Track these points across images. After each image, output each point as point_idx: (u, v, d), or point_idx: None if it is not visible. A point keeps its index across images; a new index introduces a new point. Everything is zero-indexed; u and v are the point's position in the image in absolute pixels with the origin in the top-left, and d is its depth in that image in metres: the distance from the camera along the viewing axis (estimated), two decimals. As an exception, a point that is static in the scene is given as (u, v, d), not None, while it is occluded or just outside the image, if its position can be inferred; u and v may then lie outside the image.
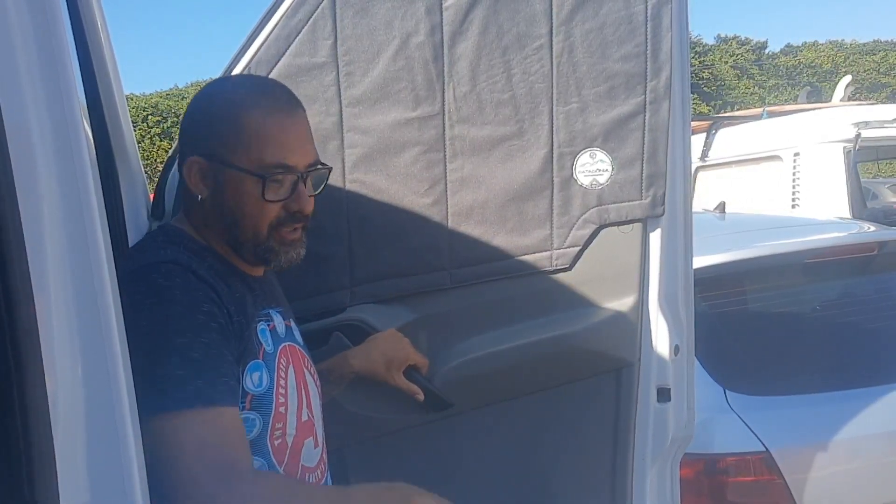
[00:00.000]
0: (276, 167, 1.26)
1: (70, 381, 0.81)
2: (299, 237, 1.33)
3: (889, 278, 2.94)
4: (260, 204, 1.27)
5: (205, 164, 1.29)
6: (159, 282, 1.17)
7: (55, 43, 0.82)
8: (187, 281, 1.19)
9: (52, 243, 0.80)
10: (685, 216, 1.88)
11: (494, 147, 1.78)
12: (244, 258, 1.32)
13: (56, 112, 0.81)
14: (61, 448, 0.78)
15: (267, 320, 1.33)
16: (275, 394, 1.27)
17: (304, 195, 1.29)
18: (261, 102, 1.29)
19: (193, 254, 1.26)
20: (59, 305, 0.80)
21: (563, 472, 1.96)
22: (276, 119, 1.28)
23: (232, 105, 1.29)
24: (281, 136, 1.27)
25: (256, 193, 1.26)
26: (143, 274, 1.18)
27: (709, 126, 5.61)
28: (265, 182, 1.25)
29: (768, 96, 31.23)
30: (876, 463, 2.39)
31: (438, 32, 1.72)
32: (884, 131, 4.80)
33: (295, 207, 1.29)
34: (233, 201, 1.28)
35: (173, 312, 1.15)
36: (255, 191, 1.26)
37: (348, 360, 1.66)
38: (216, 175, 1.28)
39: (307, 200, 1.30)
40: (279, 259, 1.32)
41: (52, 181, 0.80)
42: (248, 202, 1.27)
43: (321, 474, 1.39)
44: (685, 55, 1.83)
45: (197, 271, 1.21)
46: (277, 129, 1.27)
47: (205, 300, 1.18)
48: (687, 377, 1.92)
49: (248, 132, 1.26)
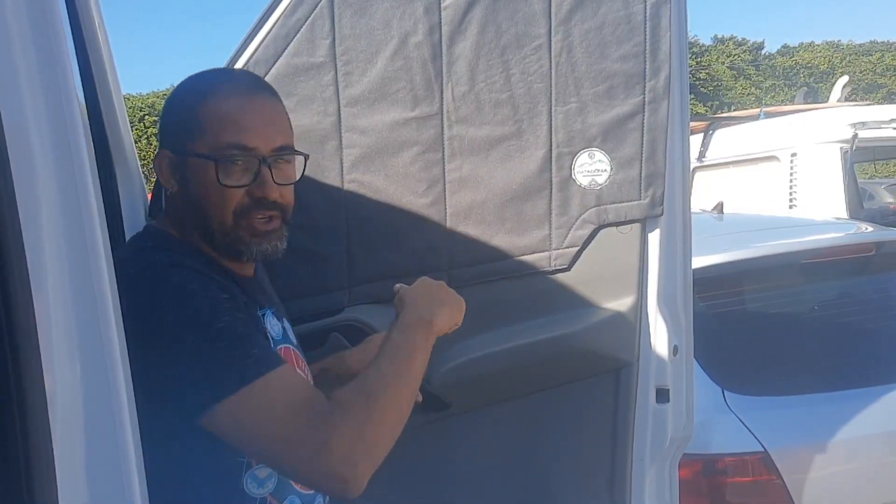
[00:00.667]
0: (229, 147, 1.22)
1: (69, 380, 0.81)
2: (274, 228, 1.28)
3: (886, 279, 2.95)
4: (219, 190, 1.23)
5: (172, 156, 1.28)
6: (173, 280, 1.16)
7: (54, 43, 0.82)
8: (197, 276, 1.18)
9: (50, 243, 0.80)
10: (684, 216, 1.87)
11: (493, 147, 1.78)
12: (218, 251, 1.28)
13: (55, 112, 0.81)
14: (60, 448, 0.78)
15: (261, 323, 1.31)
16: None
17: (267, 180, 1.24)
18: (219, 89, 1.27)
19: (187, 255, 1.24)
20: (57, 305, 0.80)
21: (561, 472, 1.96)
22: (234, 101, 1.25)
23: (193, 94, 1.28)
24: (237, 117, 1.24)
25: (213, 178, 1.22)
26: (152, 277, 1.17)
27: (706, 126, 5.61)
28: (217, 164, 1.22)
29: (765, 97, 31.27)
30: (874, 463, 2.39)
31: (437, 32, 1.72)
32: (881, 132, 4.81)
33: (258, 193, 1.24)
34: (196, 190, 1.25)
35: (201, 304, 1.14)
36: (212, 175, 1.22)
37: (345, 360, 1.66)
38: (182, 167, 1.27)
39: (271, 186, 1.25)
40: (251, 250, 1.27)
41: (50, 181, 0.80)
42: (210, 189, 1.23)
43: None
44: (684, 55, 1.82)
45: (201, 270, 1.20)
46: (234, 111, 1.24)
47: (220, 290, 1.18)
48: (686, 378, 1.92)
49: (205, 118, 1.24)
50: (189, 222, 1.29)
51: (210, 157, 1.22)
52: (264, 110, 1.28)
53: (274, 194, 1.26)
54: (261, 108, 1.27)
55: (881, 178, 12.82)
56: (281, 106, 1.32)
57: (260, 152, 1.24)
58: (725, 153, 5.44)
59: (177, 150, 1.27)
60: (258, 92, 1.29)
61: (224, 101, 1.25)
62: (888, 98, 27.34)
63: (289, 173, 1.30)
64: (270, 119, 1.28)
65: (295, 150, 1.31)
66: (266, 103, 1.29)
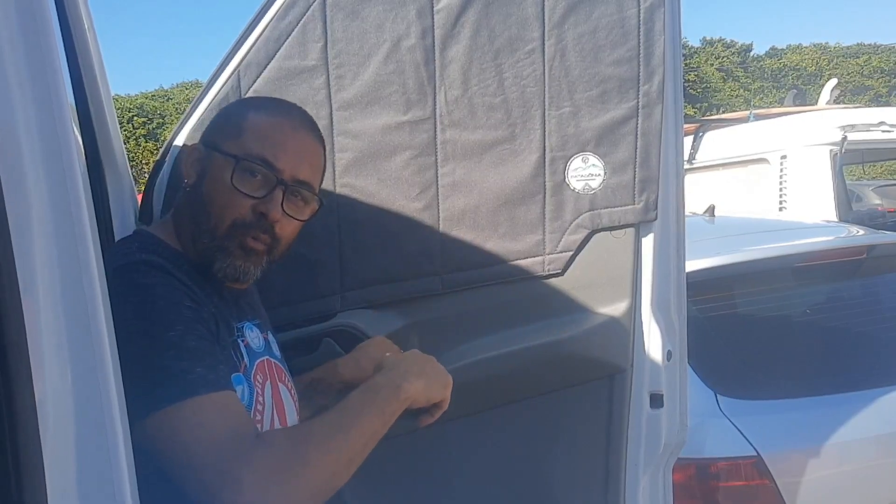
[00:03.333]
0: (255, 158, 1.23)
1: (59, 388, 0.80)
2: (259, 250, 1.26)
3: (878, 282, 2.96)
4: (229, 191, 1.23)
5: (201, 150, 1.30)
6: (139, 280, 1.14)
7: (44, 44, 0.80)
8: (167, 278, 1.16)
9: (40, 248, 0.78)
10: (678, 221, 1.87)
11: (486, 151, 1.77)
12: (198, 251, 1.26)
13: (44, 114, 0.80)
14: (50, 453, 0.77)
15: (240, 336, 1.29)
16: (252, 411, 1.25)
17: (276, 201, 1.24)
18: (275, 111, 1.31)
19: (167, 260, 1.22)
20: (47, 311, 0.79)
21: (555, 478, 1.95)
22: (281, 124, 1.28)
23: (247, 108, 1.34)
24: (277, 137, 1.26)
25: (228, 178, 1.23)
26: (121, 274, 1.15)
27: (696, 129, 5.63)
28: (236, 164, 1.22)
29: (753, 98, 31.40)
30: (867, 466, 2.39)
31: (430, 36, 1.71)
32: (869, 134, 4.83)
33: (261, 209, 1.24)
34: (208, 186, 1.26)
35: (159, 308, 1.11)
36: (228, 175, 1.23)
37: (338, 369, 1.64)
38: (205, 161, 1.28)
39: (277, 208, 1.24)
40: (225, 262, 1.25)
41: (40, 184, 0.79)
42: (219, 187, 1.24)
43: None
44: (678, 59, 1.82)
45: (173, 273, 1.18)
46: (277, 131, 1.27)
47: (185, 297, 1.15)
48: (679, 383, 1.91)
49: (248, 125, 1.27)
50: (188, 217, 1.28)
51: (233, 157, 1.23)
52: (305, 144, 1.29)
53: (276, 216, 1.25)
54: (302, 141, 1.29)
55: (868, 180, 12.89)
56: (322, 151, 1.34)
57: (282, 175, 1.25)
58: (715, 155, 5.46)
59: (207, 144, 1.30)
60: (307, 128, 1.31)
61: (272, 121, 1.28)
62: (875, 100, 27.52)
63: (299, 209, 1.30)
64: (306, 154, 1.29)
65: (314, 192, 1.31)
66: (309, 140, 1.31)
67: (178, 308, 1.13)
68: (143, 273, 1.15)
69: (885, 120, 4.87)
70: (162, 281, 1.16)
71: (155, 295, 1.13)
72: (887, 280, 2.97)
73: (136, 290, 1.13)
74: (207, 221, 1.25)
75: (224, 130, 1.29)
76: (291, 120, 1.30)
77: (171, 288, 1.15)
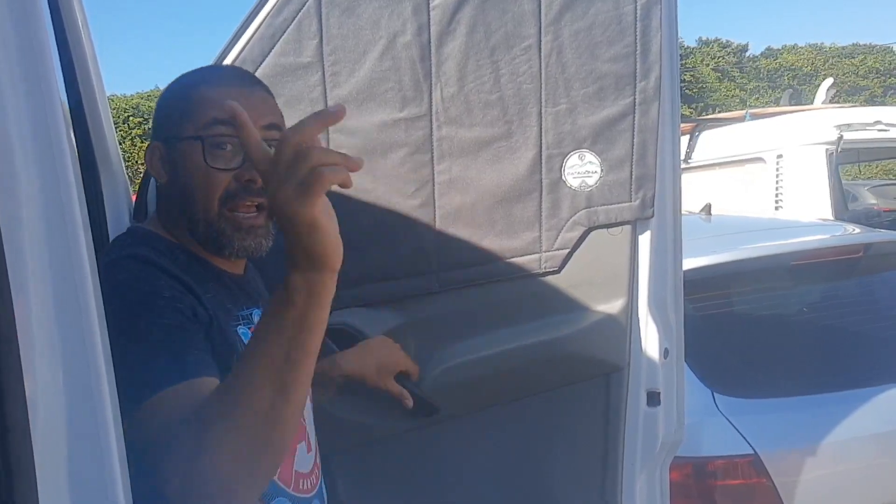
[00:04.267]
0: (215, 122, 1.18)
1: (50, 383, 0.79)
2: (259, 224, 1.22)
3: (875, 280, 2.96)
4: (205, 172, 1.19)
5: (161, 147, 1.26)
6: (117, 276, 1.10)
7: (36, 43, 0.80)
8: (146, 272, 1.12)
9: (32, 246, 0.77)
10: (674, 218, 1.87)
11: (482, 148, 1.76)
12: (202, 245, 1.24)
13: (37, 113, 0.79)
14: (41, 453, 0.76)
15: (248, 322, 1.27)
16: None
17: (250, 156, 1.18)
18: (210, 77, 1.27)
19: (162, 253, 1.19)
20: (39, 309, 0.78)
21: (552, 477, 1.95)
22: (223, 86, 1.23)
23: (183, 86, 1.28)
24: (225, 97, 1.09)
25: (200, 160, 1.18)
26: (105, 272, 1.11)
27: (692, 128, 5.63)
28: (204, 144, 1.18)
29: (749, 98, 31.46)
30: (864, 465, 2.39)
31: (426, 32, 1.70)
32: (865, 134, 4.84)
33: (246, 176, 1.18)
34: (183, 176, 1.23)
35: (130, 300, 1.06)
36: (199, 157, 1.18)
37: (338, 362, 1.63)
38: (171, 154, 1.25)
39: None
40: (232, 245, 1.21)
41: (32, 183, 0.78)
42: (196, 173, 1.20)
43: (315, 479, 1.36)
44: (675, 56, 1.82)
45: (158, 262, 1.14)
46: (222, 93, 1.18)
47: (166, 288, 1.10)
48: (676, 381, 1.91)
49: (194, 102, 1.22)
50: (176, 214, 1.26)
51: (196, 138, 1.19)
52: (254, 95, 1.25)
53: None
54: (250, 93, 1.24)
55: (864, 180, 12.91)
56: (272, 97, 1.30)
57: None
58: (712, 155, 5.46)
59: (166, 139, 1.25)
60: (251, 82, 1.28)
61: (214, 87, 1.23)
62: (871, 100, 27.57)
63: None
64: (261, 103, 1.25)
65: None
66: (256, 91, 1.26)
67: (151, 299, 1.07)
68: (120, 268, 1.12)
69: (880, 119, 4.88)
70: (140, 274, 1.11)
71: (130, 287, 1.09)
72: (884, 278, 2.97)
73: (113, 285, 1.07)
74: (197, 210, 1.22)
75: (172, 118, 1.25)
76: (231, 79, 1.27)
77: (148, 280, 1.11)
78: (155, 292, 1.09)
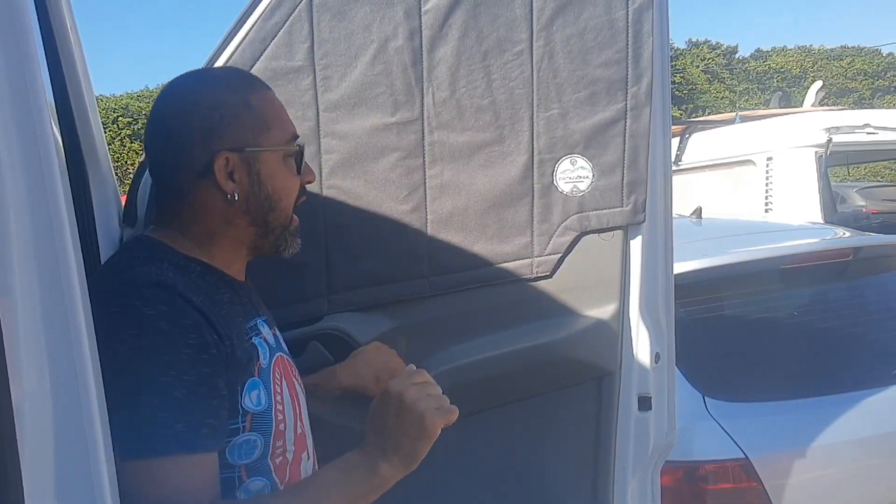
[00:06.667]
0: (294, 137, 1.28)
1: (37, 389, 0.78)
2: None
3: (865, 284, 2.97)
4: (295, 181, 1.28)
5: (234, 157, 1.21)
6: (143, 310, 1.07)
7: (22, 42, 0.79)
8: (173, 308, 1.09)
9: (18, 250, 0.77)
10: (665, 223, 1.87)
11: (474, 153, 1.75)
12: (263, 248, 1.29)
13: (22, 114, 0.78)
14: (28, 459, 0.75)
15: (256, 334, 1.26)
16: (273, 411, 1.22)
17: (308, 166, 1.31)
18: (254, 83, 1.29)
19: (178, 269, 1.18)
20: (25, 314, 0.77)
21: (544, 481, 1.94)
22: (271, 94, 1.29)
23: (234, 91, 1.24)
24: (277, 108, 1.28)
25: (293, 170, 1.27)
26: (124, 297, 1.09)
27: (682, 130, 5.64)
28: (294, 153, 1.27)
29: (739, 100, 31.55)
30: (854, 468, 2.40)
31: (417, 37, 1.69)
32: (854, 136, 4.86)
33: (307, 179, 1.31)
34: (270, 185, 1.24)
35: (156, 346, 1.06)
36: (292, 167, 1.27)
37: (336, 376, 1.63)
38: (250, 164, 1.22)
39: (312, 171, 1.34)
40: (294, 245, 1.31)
41: (19, 186, 0.77)
42: (286, 183, 1.27)
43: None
44: (666, 62, 1.81)
45: (184, 294, 1.11)
46: (277, 102, 1.29)
47: (192, 330, 1.09)
48: (668, 385, 1.91)
49: (263, 111, 1.25)
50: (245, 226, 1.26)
51: (281, 148, 1.25)
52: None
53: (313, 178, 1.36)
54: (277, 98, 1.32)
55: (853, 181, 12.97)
56: None
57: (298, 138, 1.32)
58: (702, 157, 5.47)
59: (241, 149, 1.21)
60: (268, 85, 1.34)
61: (267, 94, 1.28)
62: (859, 102, 27.71)
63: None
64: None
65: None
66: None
67: (177, 347, 1.07)
68: (147, 301, 1.08)
69: (869, 122, 4.91)
70: (167, 311, 1.08)
71: (156, 329, 1.07)
72: (873, 282, 2.98)
73: (137, 321, 1.07)
74: (277, 218, 1.27)
75: (246, 127, 1.22)
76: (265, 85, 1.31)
77: (175, 320, 1.08)
78: (182, 339, 1.08)
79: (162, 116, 1.27)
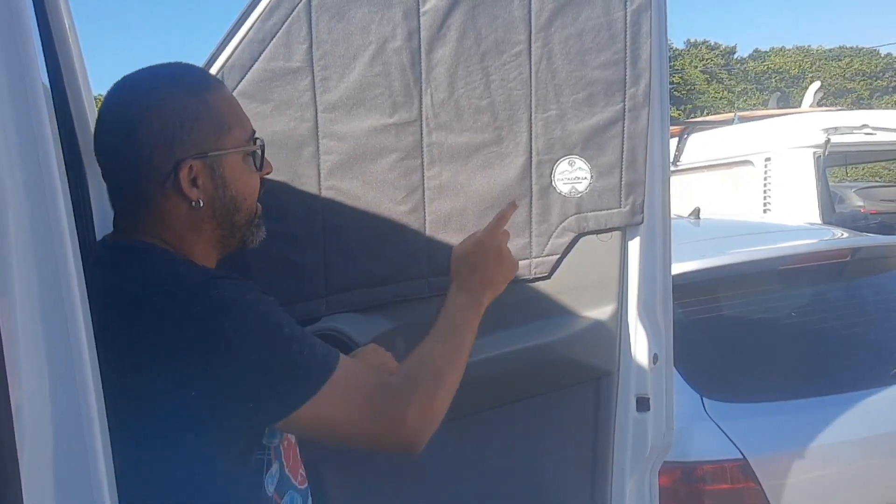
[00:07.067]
0: (254, 134, 1.28)
1: (36, 390, 0.78)
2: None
3: (862, 284, 2.98)
4: (255, 178, 1.28)
5: (198, 164, 1.18)
6: (228, 294, 1.13)
7: (20, 42, 0.79)
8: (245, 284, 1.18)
9: (17, 250, 0.77)
10: (664, 224, 1.87)
11: (472, 154, 1.76)
12: (231, 246, 1.30)
13: (21, 114, 0.78)
14: (27, 460, 0.75)
15: None
16: None
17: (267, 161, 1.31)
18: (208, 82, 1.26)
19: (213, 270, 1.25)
20: (24, 315, 0.77)
21: (542, 482, 1.94)
22: (227, 92, 1.29)
23: (189, 95, 1.19)
24: (235, 107, 1.27)
25: (254, 168, 1.27)
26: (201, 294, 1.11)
27: (681, 131, 5.65)
28: (254, 152, 1.26)
29: (737, 100, 31.60)
30: (852, 468, 2.40)
31: (416, 38, 1.69)
32: (852, 137, 4.87)
33: (266, 172, 1.31)
34: (234, 187, 1.23)
35: (262, 311, 1.15)
36: (251, 164, 1.26)
37: None
38: (213, 169, 1.20)
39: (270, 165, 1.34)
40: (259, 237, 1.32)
41: (17, 184, 0.77)
42: (249, 181, 1.27)
43: (304, 472, 1.38)
44: (664, 63, 1.81)
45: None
46: (234, 101, 1.28)
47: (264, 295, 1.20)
48: (666, 386, 1.91)
49: (221, 112, 1.22)
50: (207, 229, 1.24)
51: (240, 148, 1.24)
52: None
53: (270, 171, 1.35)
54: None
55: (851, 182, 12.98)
56: None
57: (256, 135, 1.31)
58: (700, 157, 5.48)
59: (204, 155, 1.19)
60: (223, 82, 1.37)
61: (224, 92, 1.27)
62: (857, 103, 27.74)
63: None
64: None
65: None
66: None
67: (270, 304, 1.17)
68: (223, 287, 1.14)
69: (867, 123, 4.91)
70: (244, 287, 1.17)
71: (253, 300, 1.15)
72: (871, 282, 2.99)
73: (234, 304, 1.12)
74: (243, 217, 1.27)
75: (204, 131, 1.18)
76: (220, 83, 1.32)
77: (252, 290, 1.17)
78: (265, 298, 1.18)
79: (116, 123, 1.21)
